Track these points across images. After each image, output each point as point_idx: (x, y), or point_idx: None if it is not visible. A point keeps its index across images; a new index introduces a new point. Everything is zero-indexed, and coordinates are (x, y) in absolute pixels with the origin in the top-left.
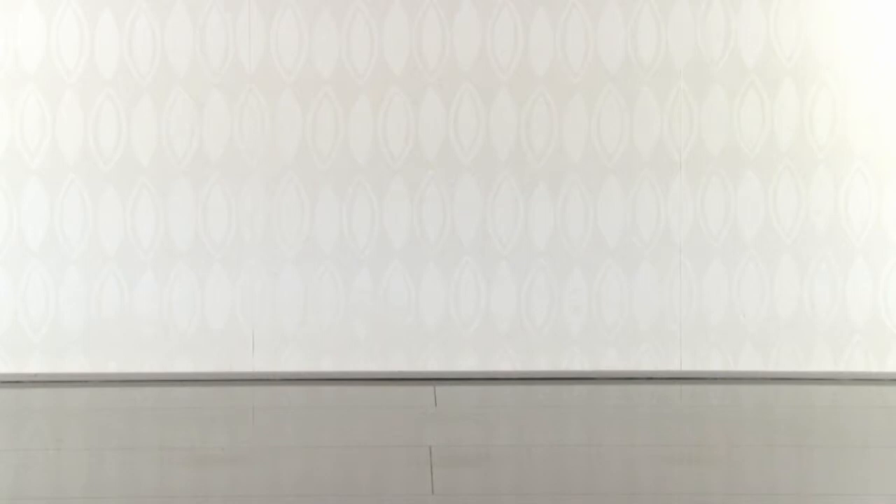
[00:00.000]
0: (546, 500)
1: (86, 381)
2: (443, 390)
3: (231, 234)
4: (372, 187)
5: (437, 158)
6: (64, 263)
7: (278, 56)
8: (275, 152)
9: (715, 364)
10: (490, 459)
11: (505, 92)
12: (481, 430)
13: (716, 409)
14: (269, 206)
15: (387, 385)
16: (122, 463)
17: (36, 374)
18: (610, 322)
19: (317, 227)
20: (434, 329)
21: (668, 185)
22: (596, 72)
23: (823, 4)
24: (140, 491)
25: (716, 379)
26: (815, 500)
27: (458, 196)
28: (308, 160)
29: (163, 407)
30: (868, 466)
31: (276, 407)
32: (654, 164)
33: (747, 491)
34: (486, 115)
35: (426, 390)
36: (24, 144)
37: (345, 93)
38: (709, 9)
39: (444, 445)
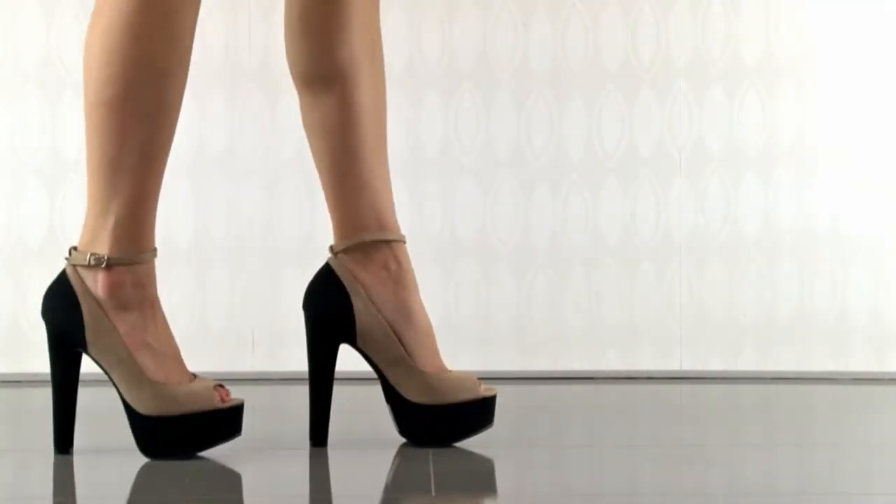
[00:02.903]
0: (547, 499)
1: (86, 381)
2: None
3: (231, 234)
4: None
5: (438, 158)
6: (63, 263)
7: (278, 56)
8: (275, 152)
9: (715, 364)
10: (490, 458)
11: (505, 92)
12: (480, 429)
13: (716, 408)
14: (269, 206)
15: None
16: (122, 463)
17: (36, 374)
18: (610, 322)
19: (317, 226)
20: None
21: (669, 185)
22: (596, 72)
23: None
24: (140, 491)
25: (715, 379)
26: (815, 500)
27: (458, 195)
28: (309, 160)
29: None
30: (868, 466)
31: (276, 407)
32: (654, 164)
33: (747, 490)
34: (487, 115)
35: None
36: (24, 144)
37: None
38: (709, 8)
39: (444, 446)
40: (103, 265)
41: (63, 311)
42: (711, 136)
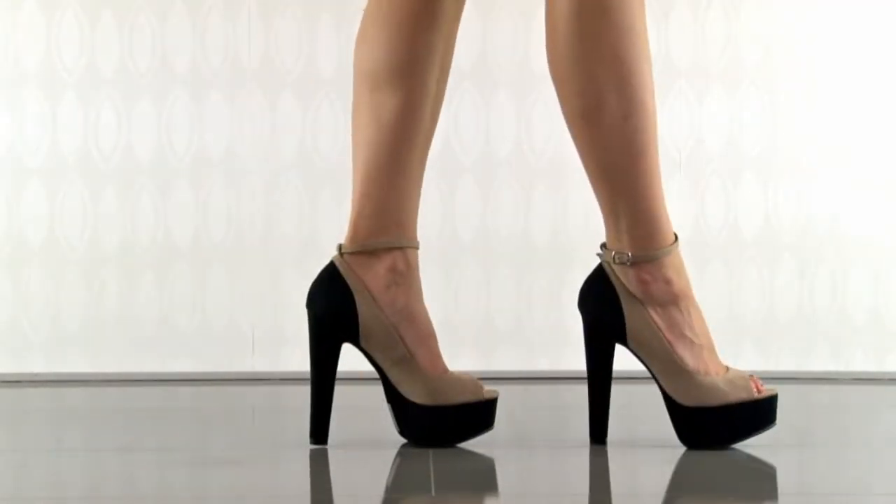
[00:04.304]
0: (547, 499)
1: (86, 381)
2: None
3: (231, 234)
4: None
5: (438, 158)
6: (64, 263)
7: (278, 56)
8: (275, 152)
9: None
10: (490, 458)
11: (505, 92)
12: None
13: None
14: (269, 206)
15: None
16: (123, 463)
17: (36, 374)
18: None
19: (317, 226)
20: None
21: (669, 185)
22: None
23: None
24: (140, 491)
25: None
26: (815, 500)
27: (458, 195)
28: (308, 160)
29: (163, 407)
30: (868, 466)
31: (276, 407)
32: None
33: (747, 490)
34: (486, 114)
35: None
36: (24, 144)
37: (345, 93)
38: (709, 8)
39: (445, 447)
40: (629, 262)
41: (602, 304)
42: (711, 136)
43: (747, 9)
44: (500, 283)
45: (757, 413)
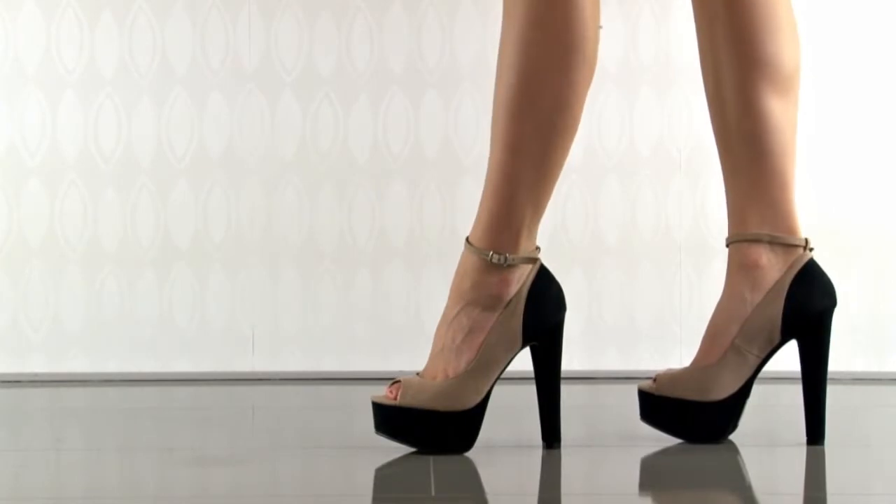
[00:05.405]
0: (547, 499)
1: (86, 381)
2: None
3: (231, 234)
4: (372, 187)
5: (438, 158)
6: (64, 263)
7: (278, 56)
8: (275, 152)
9: None
10: (490, 458)
11: None
12: (482, 430)
13: None
14: (269, 206)
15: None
16: (123, 463)
17: (36, 374)
18: (610, 322)
19: (317, 226)
20: (433, 329)
21: (669, 185)
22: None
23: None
24: (140, 491)
25: None
26: (816, 500)
27: (458, 195)
28: (308, 160)
29: (163, 407)
30: (868, 466)
31: (275, 407)
32: (654, 163)
33: (747, 490)
34: (486, 114)
35: None
36: (24, 144)
37: (345, 93)
38: None
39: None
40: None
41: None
42: (711, 135)
43: None
44: None
45: None
